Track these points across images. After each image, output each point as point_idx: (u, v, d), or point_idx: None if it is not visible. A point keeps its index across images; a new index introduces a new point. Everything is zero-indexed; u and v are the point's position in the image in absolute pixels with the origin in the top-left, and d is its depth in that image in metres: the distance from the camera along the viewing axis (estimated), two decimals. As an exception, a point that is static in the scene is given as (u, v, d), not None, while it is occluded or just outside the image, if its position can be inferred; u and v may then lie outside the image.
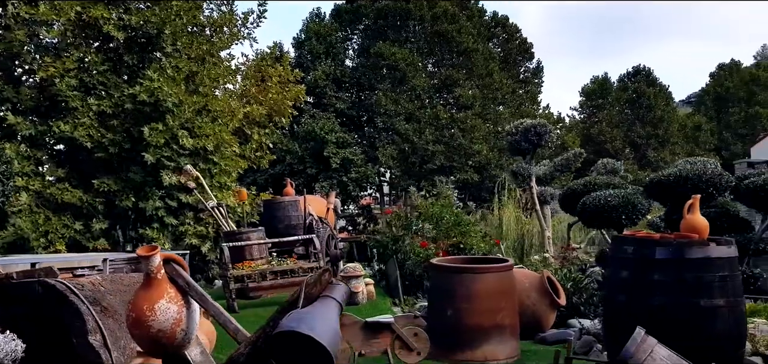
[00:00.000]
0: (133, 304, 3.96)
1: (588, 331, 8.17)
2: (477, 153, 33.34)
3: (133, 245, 15.81)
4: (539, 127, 12.89)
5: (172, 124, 15.45)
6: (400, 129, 33.22)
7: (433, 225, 12.07)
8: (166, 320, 3.93)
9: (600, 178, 9.42)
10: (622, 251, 6.10)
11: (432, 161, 33.30)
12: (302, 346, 3.65)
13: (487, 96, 34.72)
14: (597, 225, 8.34)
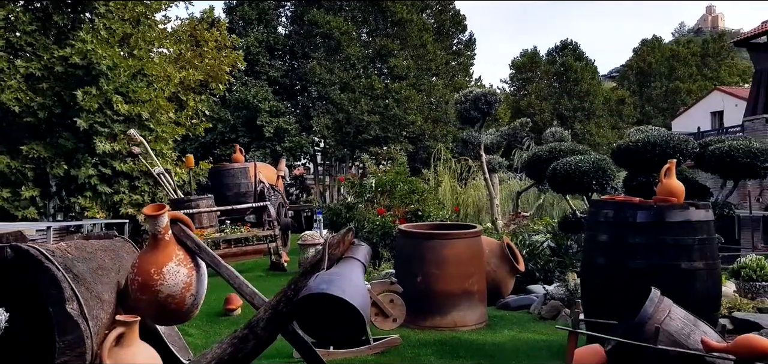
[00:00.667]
0: (139, 268, 3.67)
1: (552, 296, 8.25)
2: (411, 123, 33.38)
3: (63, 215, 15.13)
4: (489, 96, 12.91)
5: (106, 89, 14.76)
6: (335, 98, 32.90)
7: (387, 192, 11.95)
8: (176, 284, 3.67)
9: (564, 146, 9.50)
10: (601, 215, 6.11)
11: (367, 131, 33.16)
12: (332, 309, 3.46)
13: (421, 67, 34.75)
14: (567, 190, 8.40)
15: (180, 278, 3.70)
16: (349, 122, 33.33)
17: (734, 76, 49.60)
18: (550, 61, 46.17)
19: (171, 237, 3.75)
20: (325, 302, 3.48)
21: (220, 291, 9.38)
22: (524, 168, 10.43)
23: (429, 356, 6.55)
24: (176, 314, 3.77)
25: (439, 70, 35.94)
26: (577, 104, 41.81)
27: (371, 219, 11.07)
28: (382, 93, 33.62)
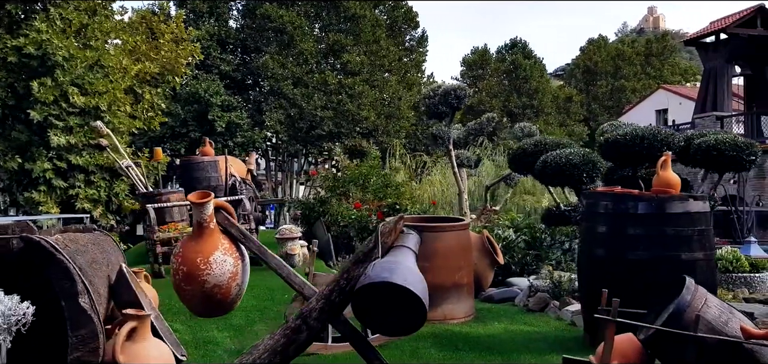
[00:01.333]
0: (183, 257, 3.52)
1: (538, 288, 8.32)
2: (365, 119, 33.31)
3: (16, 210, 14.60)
4: (459, 91, 12.97)
5: (62, 80, 14.26)
6: (288, 93, 32.60)
7: (361, 186, 11.88)
8: (223, 274, 3.54)
9: (549, 139, 9.60)
10: (600, 207, 6.19)
11: (320, 127, 32.96)
12: (392, 298, 3.39)
13: (375, 63, 34.72)
14: (557, 183, 8.48)
15: (226, 267, 3.58)
16: (302, 117, 33.07)
17: (676, 76, 51.13)
18: (500, 59, 46.76)
19: (216, 225, 3.63)
20: (386, 292, 3.41)
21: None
22: (509, 162, 10.50)
23: (428, 349, 6.52)
24: (221, 304, 3.65)
25: (392, 67, 35.97)
26: (526, 102, 42.47)
27: (346, 213, 10.98)
28: (336, 88, 33.47)
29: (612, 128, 9.79)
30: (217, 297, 3.56)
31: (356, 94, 33.35)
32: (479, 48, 48.21)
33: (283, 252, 9.76)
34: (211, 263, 3.52)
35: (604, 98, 48.04)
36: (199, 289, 3.51)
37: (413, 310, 3.45)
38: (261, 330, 7.35)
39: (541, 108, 42.57)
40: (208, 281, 3.51)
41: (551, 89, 46.69)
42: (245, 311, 8.00)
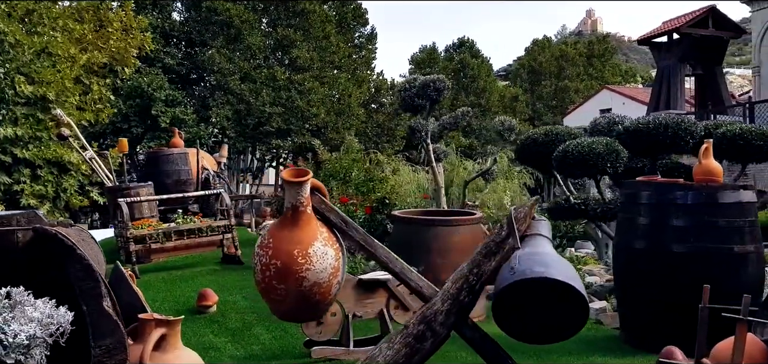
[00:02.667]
0: (276, 249, 2.91)
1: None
2: (315, 116, 32.59)
3: (-44, 206, 13.41)
4: (439, 83, 12.51)
5: (8, 68, 13.19)
6: (235, 89, 31.57)
7: (341, 180, 11.27)
8: (324, 269, 2.94)
9: (559, 128, 9.22)
10: (641, 197, 5.81)
11: (269, 123, 32.04)
12: (543, 298, 2.88)
13: (324, 59, 34.02)
14: (579, 174, 8.09)
15: (328, 261, 2.98)
16: (250, 113, 32.09)
17: (617, 77, 52.15)
18: (448, 58, 46.63)
19: (312, 211, 3.03)
20: (537, 290, 2.89)
21: (188, 283, 8.44)
22: (517, 152, 10.08)
23: (457, 351, 6.01)
24: (317, 306, 3.05)
25: (341, 63, 35.31)
26: (474, 101, 42.43)
27: (330, 209, 10.38)
28: (285, 84, 32.61)
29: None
30: (315, 297, 2.96)
31: (306, 90, 32.57)
32: (428, 47, 48.03)
33: (268, 250, 9.09)
34: (312, 256, 2.92)
35: (548, 98, 48.55)
36: (295, 288, 2.90)
37: (569, 312, 2.95)
38: (261, 333, 6.72)
39: (488, 107, 42.63)
40: (307, 277, 2.91)
41: (498, 89, 46.89)
42: (240, 312, 7.35)
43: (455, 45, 47.86)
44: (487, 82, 44.61)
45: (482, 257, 3.28)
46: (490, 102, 43.51)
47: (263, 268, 2.95)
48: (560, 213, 8.87)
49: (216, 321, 7.03)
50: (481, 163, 25.21)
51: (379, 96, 37.61)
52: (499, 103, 44.56)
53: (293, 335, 6.69)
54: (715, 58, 25.35)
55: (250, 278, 8.71)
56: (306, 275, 2.90)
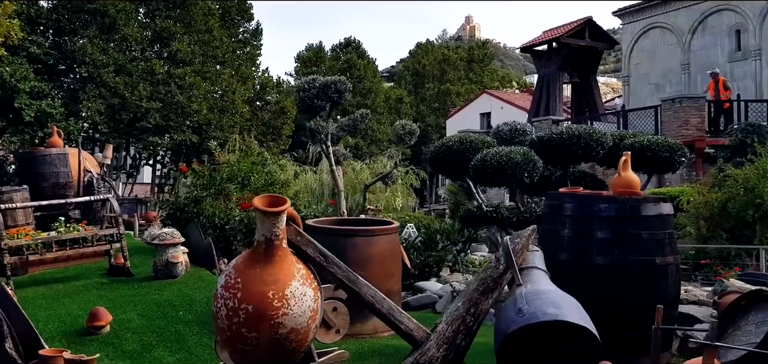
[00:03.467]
0: (246, 290, 2.46)
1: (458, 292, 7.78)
2: (196, 112, 31.37)
3: None
4: (340, 84, 12.20)
5: None
6: (109, 81, 29.87)
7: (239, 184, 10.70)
8: (303, 313, 2.54)
9: (473, 136, 9.07)
10: (564, 208, 5.76)
11: (145, 119, 30.55)
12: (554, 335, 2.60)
13: (207, 53, 32.81)
14: (498, 182, 7.98)
15: (306, 303, 2.59)
16: (125, 108, 30.46)
17: (495, 81, 53.77)
18: (335, 57, 46.32)
19: (287, 244, 2.62)
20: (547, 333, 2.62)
21: (74, 299, 7.66)
22: (429, 160, 9.89)
23: (381, 371, 5.75)
24: (292, 356, 2.64)
25: (225, 59, 34.17)
26: (360, 101, 42.38)
27: (227, 214, 9.80)
28: (164, 79, 31.20)
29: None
30: (290, 346, 2.55)
31: (187, 85, 31.29)
32: (314, 45, 47.52)
33: (163, 260, 8.45)
34: (289, 299, 2.50)
35: (431, 100, 49.29)
36: (269, 336, 2.47)
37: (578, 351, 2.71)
38: (164, 356, 6.16)
39: (374, 108, 42.70)
40: (283, 323, 2.49)
41: (383, 90, 47.10)
42: (136, 332, 6.72)
43: (342, 44, 47.66)
44: (373, 83, 44.73)
45: (479, 295, 3.01)
46: (376, 103, 43.63)
47: (230, 313, 2.50)
48: (473, 221, 8.80)
49: (110, 343, 6.38)
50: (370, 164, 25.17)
51: (265, 94, 36.76)
52: (385, 104, 44.79)
53: (200, 357, 6.18)
54: (591, 67, 26.56)
55: (144, 292, 8.06)
56: (282, 320, 2.50)
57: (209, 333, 6.82)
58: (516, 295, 2.87)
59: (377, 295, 2.72)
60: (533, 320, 2.65)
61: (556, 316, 2.63)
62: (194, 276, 8.65)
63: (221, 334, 2.51)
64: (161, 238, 8.50)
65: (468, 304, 2.92)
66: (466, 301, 2.93)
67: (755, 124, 17.00)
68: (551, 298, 2.77)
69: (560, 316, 2.63)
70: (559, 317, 2.62)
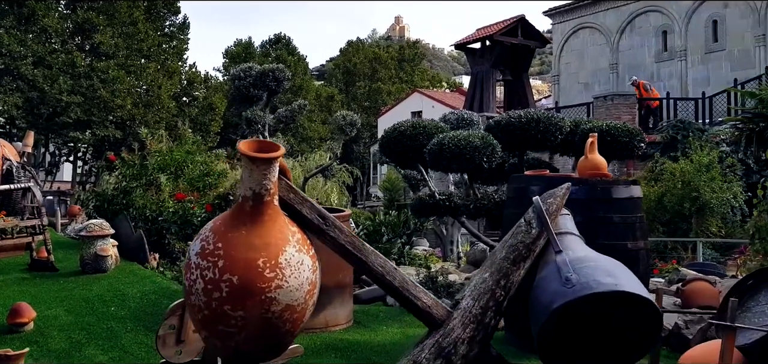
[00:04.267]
0: (230, 257, 2.01)
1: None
2: (120, 107, 30.12)
3: None
4: (278, 72, 11.71)
5: None
6: (27, 74, 28.36)
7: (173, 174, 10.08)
8: (300, 286, 2.10)
9: (426, 122, 8.71)
10: (530, 192, 5.49)
11: (66, 114, 29.12)
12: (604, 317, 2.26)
13: (132, 47, 31.57)
14: (455, 168, 7.62)
15: (304, 274, 2.15)
16: (44, 102, 28.98)
17: (425, 81, 53.88)
18: (264, 54, 45.40)
19: (278, 202, 2.18)
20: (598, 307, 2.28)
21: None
22: (380, 146, 9.47)
23: (340, 366, 5.36)
24: (285, 339, 2.20)
25: (150, 53, 32.96)
26: (291, 98, 41.64)
27: (160, 206, 9.19)
28: (86, 72, 29.83)
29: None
30: (284, 327, 2.10)
31: (110, 79, 29.98)
32: (243, 40, 46.45)
33: (91, 254, 7.81)
34: (283, 268, 2.04)
35: (362, 99, 48.98)
36: (258, 314, 2.01)
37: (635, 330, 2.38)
38: (96, 355, 5.60)
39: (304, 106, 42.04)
40: (277, 299, 2.03)
41: (314, 87, 46.51)
42: (64, 330, 6.11)
43: (272, 41, 46.79)
44: (304, 80, 44.08)
45: (510, 264, 2.63)
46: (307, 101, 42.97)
47: (209, 287, 2.02)
48: (424, 209, 8.47)
49: (35, 342, 5.76)
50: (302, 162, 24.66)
51: (192, 89, 35.65)
52: (316, 102, 44.22)
53: (136, 355, 5.64)
54: (523, 65, 26.79)
55: (71, 287, 7.42)
56: (276, 294, 2.04)
57: (145, 330, 6.29)
58: (558, 263, 2.53)
59: (387, 265, 2.34)
60: (586, 291, 2.31)
61: (614, 286, 2.31)
62: (125, 270, 8.03)
63: (196, 313, 2.06)
64: (88, 229, 7.85)
65: (497, 275, 2.56)
66: (494, 272, 2.57)
67: (684, 122, 17.39)
68: (602, 265, 2.46)
69: (619, 286, 2.30)
70: (618, 288, 2.30)
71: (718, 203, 12.61)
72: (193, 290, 2.09)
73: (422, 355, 2.32)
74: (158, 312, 6.74)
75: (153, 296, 7.18)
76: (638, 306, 2.32)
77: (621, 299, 2.31)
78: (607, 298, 2.30)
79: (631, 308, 2.34)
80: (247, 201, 2.12)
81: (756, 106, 7.44)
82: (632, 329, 2.39)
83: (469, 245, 11.39)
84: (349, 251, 2.30)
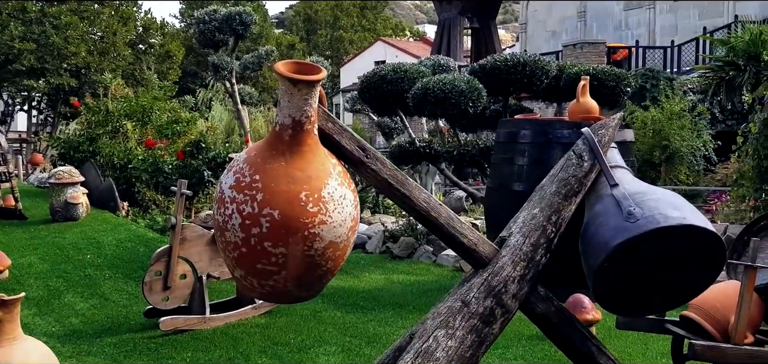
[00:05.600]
0: (269, 190, 1.84)
1: (396, 232, 7.36)
2: (74, 55, 29.13)
3: None
4: (245, 16, 11.36)
5: None
6: (-25, 20, 27.21)
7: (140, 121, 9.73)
8: (343, 222, 1.93)
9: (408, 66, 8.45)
10: (521, 136, 5.42)
11: (18, 61, 28.07)
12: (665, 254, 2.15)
13: (85, -10, 30.47)
14: (441, 112, 7.44)
15: (347, 209, 1.98)
16: (-6, 49, 27.91)
17: (388, 30, 53.25)
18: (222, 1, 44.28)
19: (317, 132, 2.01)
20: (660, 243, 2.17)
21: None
22: (359, 91, 9.24)
23: (330, 311, 5.27)
24: (323, 279, 2.05)
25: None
26: (250, 46, 40.79)
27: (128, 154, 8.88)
28: (37, 17, 28.72)
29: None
30: (325, 265, 1.95)
31: (62, 25, 28.91)
32: (199, -14, 45.14)
33: (61, 201, 7.52)
34: (327, 202, 1.88)
35: (324, 48, 48.26)
36: (300, 251, 1.86)
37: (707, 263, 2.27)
38: (76, 302, 5.42)
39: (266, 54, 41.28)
40: (320, 235, 1.88)
41: (274, 36, 45.61)
42: (40, 277, 5.90)
43: (229, -13, 45.59)
44: (264, 27, 43.18)
45: (561, 199, 2.51)
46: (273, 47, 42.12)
47: (247, 222, 1.85)
48: (405, 157, 8.31)
49: (12, 290, 5.50)
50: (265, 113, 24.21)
51: (148, 36, 34.63)
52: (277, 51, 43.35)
53: (117, 302, 5.47)
54: (491, 12, 26.61)
55: (43, 235, 7.17)
56: (319, 230, 1.88)
57: (124, 277, 6.12)
58: (616, 197, 2.42)
59: (432, 201, 2.20)
60: (653, 225, 2.19)
61: (683, 220, 2.19)
62: (97, 218, 7.78)
63: (232, 250, 1.90)
64: (57, 177, 7.55)
65: (548, 211, 2.44)
66: (544, 207, 2.46)
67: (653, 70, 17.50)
68: (666, 198, 2.34)
69: (687, 220, 2.19)
70: (687, 222, 2.19)
71: (687, 151, 12.75)
72: (229, 225, 1.94)
73: (471, 294, 2.20)
74: (136, 260, 6.57)
75: (129, 244, 6.97)
76: (703, 241, 2.24)
77: (686, 234, 2.23)
78: (672, 233, 2.21)
79: (693, 244, 2.25)
80: (286, 129, 1.96)
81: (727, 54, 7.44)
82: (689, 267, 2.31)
83: (443, 194, 11.35)
84: (392, 185, 2.15)
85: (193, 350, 4.35)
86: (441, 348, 2.09)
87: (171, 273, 4.79)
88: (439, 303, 2.27)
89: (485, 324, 2.18)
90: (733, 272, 3.56)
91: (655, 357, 4.27)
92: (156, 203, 8.66)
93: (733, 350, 3.13)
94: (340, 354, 4.33)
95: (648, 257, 2.24)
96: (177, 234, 4.76)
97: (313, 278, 2.02)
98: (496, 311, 2.21)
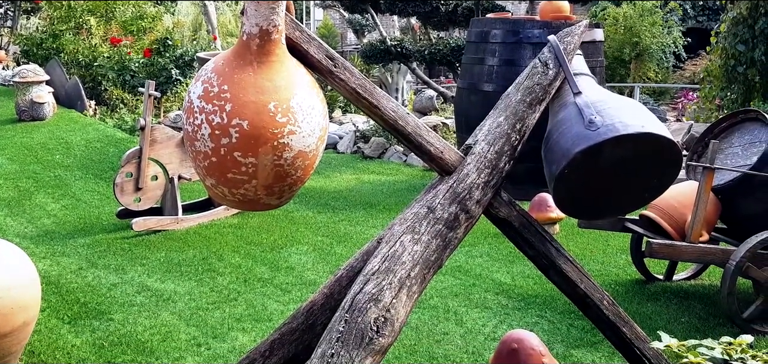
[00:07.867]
0: (238, 100, 1.84)
1: (367, 133, 7.40)
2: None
3: None
4: None
5: None
6: None
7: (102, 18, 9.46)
8: (312, 132, 1.95)
9: None
10: (491, 36, 5.42)
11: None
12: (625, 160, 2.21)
13: None
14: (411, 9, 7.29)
15: (316, 119, 2.00)
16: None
17: None
18: None
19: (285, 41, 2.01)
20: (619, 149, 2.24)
21: None
22: None
23: (302, 211, 5.35)
24: (293, 188, 2.09)
25: None
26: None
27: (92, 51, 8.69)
28: None
29: None
30: (295, 174, 1.99)
31: None
32: None
33: (27, 100, 7.40)
34: (295, 112, 1.90)
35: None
36: (271, 161, 1.90)
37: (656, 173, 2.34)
38: (47, 202, 5.45)
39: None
40: (290, 145, 1.92)
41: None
42: (8, 178, 5.89)
43: None
44: None
45: (526, 107, 2.53)
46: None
47: (216, 132, 1.87)
48: (375, 55, 8.24)
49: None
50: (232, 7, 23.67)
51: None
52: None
53: (88, 203, 5.49)
54: None
55: (9, 135, 7.11)
56: (288, 140, 1.92)
57: (94, 178, 6.12)
58: (578, 105, 2.46)
59: (400, 110, 2.22)
60: (613, 133, 2.25)
61: (642, 128, 2.26)
62: (64, 118, 7.68)
63: (202, 160, 1.94)
64: (22, 75, 7.41)
65: (513, 119, 2.47)
66: (509, 115, 2.49)
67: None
68: (626, 107, 2.40)
69: (646, 128, 2.26)
70: (646, 129, 2.26)
71: (658, 48, 12.82)
72: (198, 135, 1.96)
73: (436, 200, 2.26)
74: (106, 160, 6.55)
75: (98, 144, 6.93)
76: (661, 147, 2.31)
77: (644, 141, 2.30)
78: (631, 140, 2.28)
79: (651, 151, 2.33)
80: (253, 39, 1.95)
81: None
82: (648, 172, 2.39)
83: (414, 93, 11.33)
84: (360, 94, 2.17)
85: (166, 250, 4.42)
86: (407, 252, 2.16)
87: (142, 175, 4.80)
88: (406, 209, 2.33)
89: (450, 229, 2.25)
90: (692, 173, 3.67)
91: (615, 254, 4.44)
92: (124, 101, 8.54)
93: (687, 248, 3.28)
94: (312, 253, 4.44)
95: (608, 164, 2.31)
96: (147, 136, 4.75)
97: (283, 187, 2.06)
98: (461, 217, 2.28)
